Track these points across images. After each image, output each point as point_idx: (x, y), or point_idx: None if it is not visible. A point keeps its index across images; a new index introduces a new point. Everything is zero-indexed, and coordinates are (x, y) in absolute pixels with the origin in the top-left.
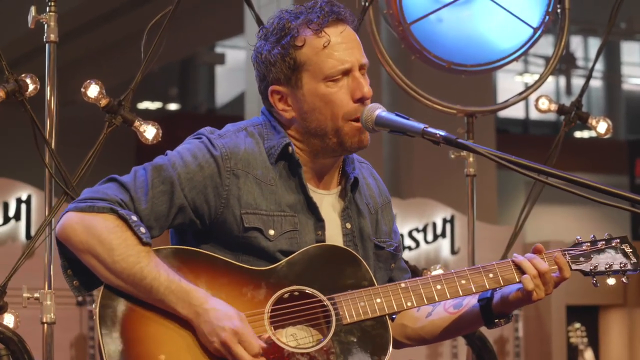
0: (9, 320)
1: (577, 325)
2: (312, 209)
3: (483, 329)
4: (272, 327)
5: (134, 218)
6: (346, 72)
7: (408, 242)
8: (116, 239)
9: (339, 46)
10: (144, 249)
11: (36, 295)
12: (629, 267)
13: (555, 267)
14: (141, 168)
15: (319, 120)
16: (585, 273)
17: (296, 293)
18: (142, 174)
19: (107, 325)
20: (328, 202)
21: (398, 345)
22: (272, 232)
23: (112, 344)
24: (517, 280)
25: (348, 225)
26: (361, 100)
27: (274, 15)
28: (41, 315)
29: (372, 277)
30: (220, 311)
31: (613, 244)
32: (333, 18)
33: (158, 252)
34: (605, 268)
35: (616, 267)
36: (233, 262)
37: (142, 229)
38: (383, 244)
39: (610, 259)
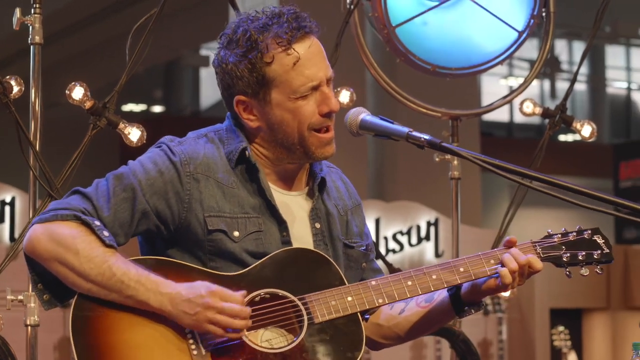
0: None
1: (561, 328)
2: (272, 211)
3: (467, 331)
4: (245, 330)
5: (97, 223)
6: (315, 88)
7: (392, 245)
8: (81, 243)
9: (308, 62)
10: (108, 250)
11: (20, 297)
12: (601, 257)
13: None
14: (103, 179)
15: (286, 132)
16: (557, 264)
17: (267, 295)
18: (104, 184)
19: (80, 334)
20: (296, 202)
21: (377, 346)
22: (236, 233)
23: (85, 353)
24: (488, 273)
25: (317, 225)
26: (328, 115)
27: (235, 21)
28: (25, 317)
29: (343, 277)
30: (192, 287)
31: (585, 235)
32: (301, 33)
33: None
34: (578, 259)
35: (588, 257)
36: (203, 268)
37: (105, 233)
38: (354, 244)
39: (583, 249)
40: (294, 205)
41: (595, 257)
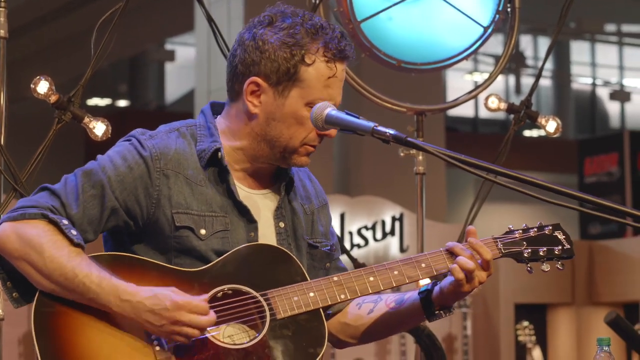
0: None
1: (526, 323)
2: (243, 212)
3: (432, 326)
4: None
5: (65, 222)
6: None
7: (357, 240)
8: (47, 242)
9: (335, 83)
10: (75, 249)
11: None
12: (562, 253)
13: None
14: (72, 175)
15: (281, 132)
16: (518, 260)
17: (229, 291)
18: (73, 180)
19: (43, 331)
20: (262, 201)
21: (342, 344)
22: (203, 231)
23: (47, 351)
24: (450, 269)
25: (281, 224)
26: (321, 137)
27: (283, 9)
28: None
29: (305, 272)
30: (155, 296)
31: (546, 231)
32: (343, 55)
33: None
34: (539, 254)
35: (549, 253)
36: (165, 264)
37: (73, 231)
38: (318, 243)
39: (543, 245)
40: (260, 204)
41: (556, 252)
